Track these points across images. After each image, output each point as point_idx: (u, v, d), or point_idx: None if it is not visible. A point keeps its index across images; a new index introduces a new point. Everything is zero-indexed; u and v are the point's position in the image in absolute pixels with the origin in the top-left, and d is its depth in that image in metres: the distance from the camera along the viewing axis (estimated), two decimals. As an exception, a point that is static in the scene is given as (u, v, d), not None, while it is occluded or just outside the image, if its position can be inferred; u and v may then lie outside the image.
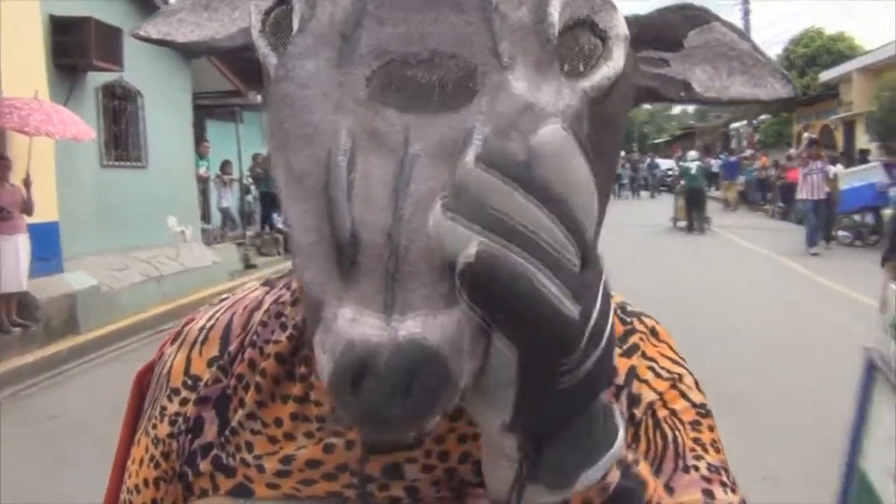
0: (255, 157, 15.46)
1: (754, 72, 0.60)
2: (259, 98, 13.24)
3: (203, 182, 13.39)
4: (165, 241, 10.75)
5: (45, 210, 7.78)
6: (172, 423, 0.70)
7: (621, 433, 0.48)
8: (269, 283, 0.75)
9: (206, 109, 14.06)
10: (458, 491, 0.62)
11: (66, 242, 8.33)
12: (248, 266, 12.38)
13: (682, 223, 17.09)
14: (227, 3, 0.67)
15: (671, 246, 14.34)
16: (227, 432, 0.67)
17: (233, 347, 0.70)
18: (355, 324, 0.41)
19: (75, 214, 8.65)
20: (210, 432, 0.68)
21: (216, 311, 0.75)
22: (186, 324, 0.76)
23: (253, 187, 15.55)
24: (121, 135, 10.27)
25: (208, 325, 0.74)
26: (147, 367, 0.76)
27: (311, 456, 0.63)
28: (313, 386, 0.64)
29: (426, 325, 0.41)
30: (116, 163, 10.12)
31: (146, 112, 10.59)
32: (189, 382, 0.70)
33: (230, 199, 14.62)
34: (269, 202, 14.65)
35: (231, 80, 12.81)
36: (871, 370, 2.46)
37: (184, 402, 0.70)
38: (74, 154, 8.63)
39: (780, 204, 19.97)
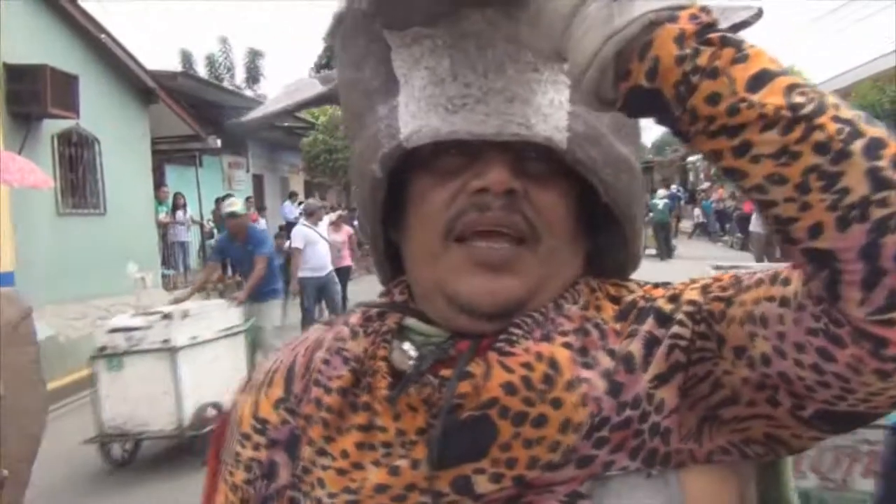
0: (216, 200, 15.35)
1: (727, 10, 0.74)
2: (218, 142, 13.21)
3: (163, 227, 13.24)
4: (124, 288, 10.54)
5: (1, 260, 7.61)
6: (248, 468, 0.73)
7: None
8: (329, 323, 0.79)
9: (165, 154, 13.96)
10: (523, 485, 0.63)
11: (23, 292, 8.13)
12: (211, 311, 12.20)
13: (652, 250, 18.57)
14: (306, 90, 0.85)
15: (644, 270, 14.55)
16: (298, 471, 0.69)
17: (298, 388, 0.73)
18: None
19: (32, 264, 8.48)
20: (284, 475, 0.71)
21: (280, 355, 0.78)
22: (256, 371, 0.80)
23: (215, 231, 15.40)
24: (78, 182, 10.14)
25: (273, 368, 0.77)
26: (223, 420, 0.79)
27: (378, 480, 0.64)
28: (377, 412, 0.66)
29: None
30: (73, 210, 9.98)
31: (104, 158, 10.49)
32: (258, 426, 0.73)
33: (187, 234, 14.48)
34: (231, 246, 14.44)
35: (190, 124, 12.76)
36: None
37: (256, 446, 0.73)
38: (30, 202, 8.49)
39: (739, 234, 20.34)
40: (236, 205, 7.09)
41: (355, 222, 19.54)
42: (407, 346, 0.69)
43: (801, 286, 0.56)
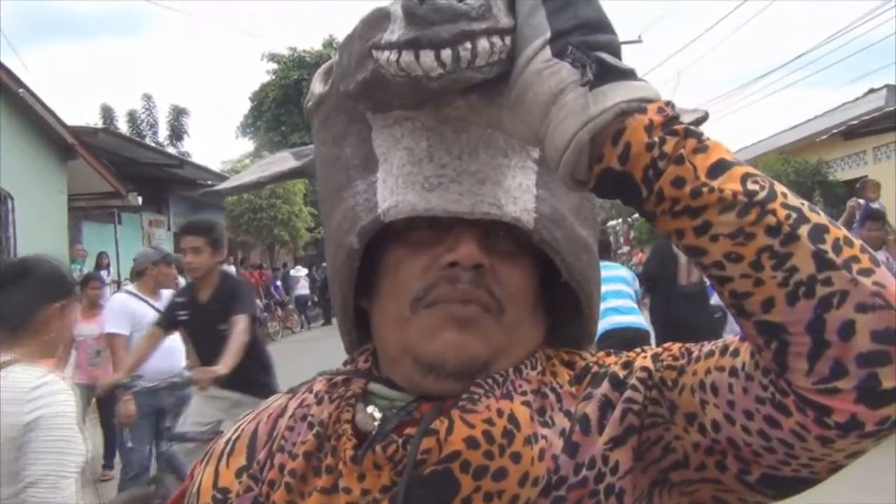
0: (135, 259, 14.96)
1: None
2: (139, 199, 12.97)
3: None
4: (35, 349, 10.13)
5: None
6: None
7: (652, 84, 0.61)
8: (291, 391, 0.80)
9: (84, 211, 13.60)
10: None
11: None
12: (126, 373, 11.73)
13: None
14: (279, 163, 0.88)
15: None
16: None
17: (261, 455, 0.74)
18: None
19: (-66, 324, 8.06)
20: None
21: (240, 424, 0.79)
22: (214, 443, 0.80)
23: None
24: (-12, 239, 9.76)
25: (234, 437, 0.78)
26: (180, 492, 0.79)
27: None
28: (342, 474, 0.67)
29: None
30: (-18, 268, 9.56)
31: (17, 215, 10.15)
32: (219, 496, 0.73)
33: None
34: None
35: (110, 181, 12.49)
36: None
37: None
38: (-64, 260, 8.13)
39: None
40: None
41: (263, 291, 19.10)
42: (371, 408, 0.72)
43: (749, 358, 0.61)
